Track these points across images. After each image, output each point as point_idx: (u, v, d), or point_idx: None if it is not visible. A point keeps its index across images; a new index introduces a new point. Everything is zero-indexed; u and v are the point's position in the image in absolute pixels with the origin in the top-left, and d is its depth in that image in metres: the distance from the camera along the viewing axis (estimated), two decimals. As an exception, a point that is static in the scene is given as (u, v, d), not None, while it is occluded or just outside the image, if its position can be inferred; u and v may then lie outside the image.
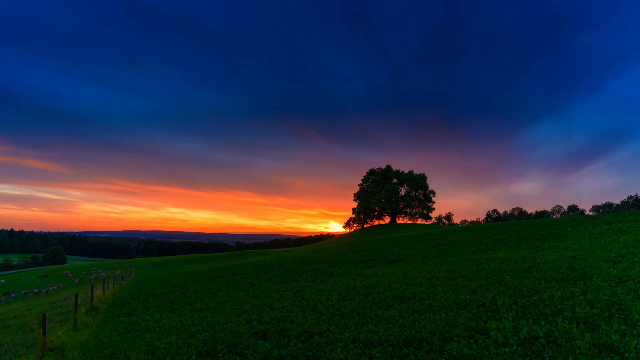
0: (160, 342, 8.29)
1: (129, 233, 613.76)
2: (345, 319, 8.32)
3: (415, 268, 15.43)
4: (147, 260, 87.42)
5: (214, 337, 8.01)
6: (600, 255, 11.85)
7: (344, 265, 20.92)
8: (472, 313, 7.23)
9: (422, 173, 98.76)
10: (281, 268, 22.47)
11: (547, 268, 10.77)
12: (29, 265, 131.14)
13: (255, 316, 9.88)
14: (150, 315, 12.44)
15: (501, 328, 6.03)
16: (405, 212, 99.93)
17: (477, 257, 16.45)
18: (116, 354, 7.93)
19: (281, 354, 6.36)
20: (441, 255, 19.82)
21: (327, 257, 25.50)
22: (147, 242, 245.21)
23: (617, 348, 4.66)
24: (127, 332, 10.31)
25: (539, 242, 19.77)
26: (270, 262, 27.38)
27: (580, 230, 21.66)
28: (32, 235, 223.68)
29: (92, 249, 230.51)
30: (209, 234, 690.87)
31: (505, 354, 4.98)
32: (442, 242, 26.97)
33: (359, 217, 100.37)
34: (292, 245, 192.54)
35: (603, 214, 32.18)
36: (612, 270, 9.14)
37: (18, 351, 9.24)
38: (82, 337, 10.42)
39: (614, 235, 17.63)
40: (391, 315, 7.96)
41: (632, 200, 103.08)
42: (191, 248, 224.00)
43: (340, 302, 10.16)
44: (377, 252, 25.32)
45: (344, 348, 6.25)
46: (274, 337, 7.54)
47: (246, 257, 55.04)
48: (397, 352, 5.73)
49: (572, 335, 5.26)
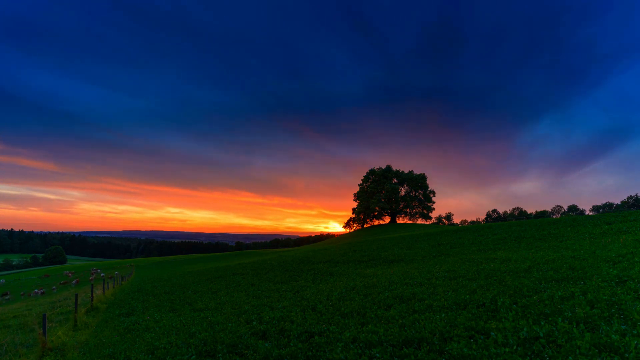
0: (160, 342, 8.29)
1: (128, 233, 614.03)
2: (345, 319, 8.32)
3: (415, 268, 15.43)
4: (147, 260, 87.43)
5: (214, 337, 8.01)
6: (600, 255, 11.85)
7: (344, 265, 20.92)
8: (472, 313, 7.22)
9: (422, 173, 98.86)
10: (281, 268, 22.47)
11: (547, 268, 10.77)
12: (29, 265, 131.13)
13: (255, 316, 9.88)
14: (150, 315, 12.43)
15: (501, 328, 6.03)
16: (405, 212, 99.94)
17: (477, 257, 16.45)
18: (116, 354, 7.93)
19: (281, 354, 6.36)
20: (441, 255, 19.82)
21: (327, 257, 25.50)
22: (147, 242, 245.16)
23: (617, 348, 4.66)
24: (127, 332, 10.31)
25: (539, 242, 19.77)
26: (270, 262, 27.38)
27: (580, 230, 21.67)
28: (32, 235, 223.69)
29: (92, 249, 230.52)
30: (209, 234, 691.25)
31: (505, 354, 4.98)
32: (442, 242, 26.97)
33: (359, 217, 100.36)
34: (292, 245, 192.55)
35: (603, 214, 32.19)
36: (612, 270, 9.14)
37: (18, 351, 9.24)
38: (82, 337, 10.42)
39: (614, 235, 17.63)
40: (391, 315, 7.96)
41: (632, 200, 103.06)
42: (191, 248, 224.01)
43: (340, 302, 10.16)
44: (377, 252, 25.32)
45: (344, 348, 6.24)
46: (274, 337, 7.53)
47: (246, 257, 55.04)
48: (397, 352, 5.73)
49: (572, 335, 5.25)
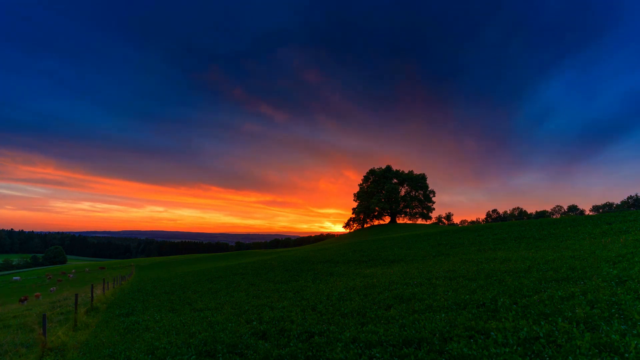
0: (160, 342, 8.28)
1: (129, 233, 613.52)
2: (345, 319, 8.32)
3: (415, 268, 15.42)
4: (147, 260, 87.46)
5: (214, 337, 8.00)
6: (600, 255, 11.84)
7: (344, 265, 20.91)
8: (472, 313, 7.22)
9: (422, 173, 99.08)
10: (281, 268, 22.47)
11: (547, 268, 10.76)
12: (29, 265, 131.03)
13: (255, 316, 9.88)
14: (150, 315, 12.43)
15: (501, 328, 6.03)
16: (405, 212, 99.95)
17: (477, 257, 16.44)
18: (116, 354, 7.93)
19: (281, 354, 6.36)
20: (441, 255, 19.82)
21: (327, 257, 25.50)
22: (147, 242, 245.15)
23: (617, 348, 4.66)
24: (127, 332, 10.30)
25: (539, 242, 19.76)
26: (270, 262, 27.38)
27: (580, 230, 21.65)
28: (32, 235, 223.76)
29: (92, 249, 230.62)
30: (209, 234, 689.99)
31: (505, 354, 4.98)
32: (442, 242, 26.96)
33: (359, 217, 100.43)
34: (292, 245, 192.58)
35: (603, 214, 32.19)
36: (612, 270, 9.13)
37: (18, 351, 9.24)
38: (82, 337, 10.41)
39: (614, 235, 17.62)
40: (391, 315, 7.95)
41: (632, 200, 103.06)
42: (191, 248, 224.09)
43: (340, 302, 10.16)
44: (377, 252, 25.32)
45: (344, 348, 6.24)
46: (274, 337, 7.53)
47: (246, 257, 55.05)
48: (397, 352, 5.73)
49: (572, 335, 5.25)
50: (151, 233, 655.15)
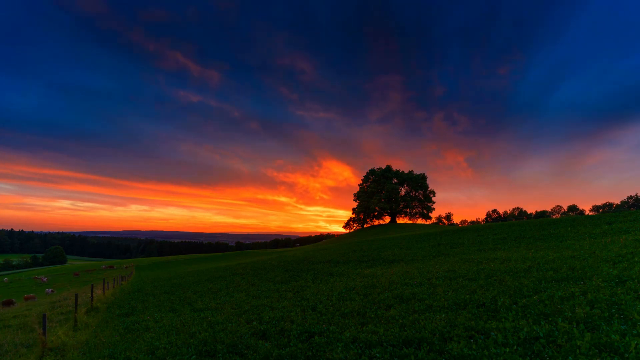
0: (160, 342, 8.28)
1: (129, 233, 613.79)
2: (345, 319, 8.32)
3: (415, 268, 15.42)
4: (147, 260, 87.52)
5: (214, 337, 8.01)
6: (600, 255, 11.84)
7: (344, 265, 20.91)
8: (472, 313, 7.22)
9: (422, 173, 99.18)
10: (281, 268, 22.47)
11: (547, 268, 10.76)
12: (29, 265, 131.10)
13: (255, 316, 9.88)
14: (150, 315, 12.43)
15: (501, 328, 6.03)
16: (405, 212, 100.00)
17: (477, 257, 16.44)
18: (116, 354, 7.92)
19: (281, 354, 6.36)
20: (441, 255, 19.81)
21: (327, 257, 25.49)
22: (147, 242, 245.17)
23: (617, 348, 4.66)
24: (127, 332, 10.30)
25: (539, 242, 19.76)
26: (270, 262, 27.38)
27: (580, 230, 21.65)
28: (32, 235, 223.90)
29: (92, 249, 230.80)
30: (209, 234, 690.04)
31: (505, 354, 4.98)
32: (442, 242, 26.96)
33: (359, 217, 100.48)
34: (292, 245, 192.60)
35: (603, 214, 32.18)
36: (612, 270, 9.13)
37: (18, 351, 9.24)
38: (82, 337, 10.41)
39: (614, 235, 17.61)
40: (391, 315, 7.95)
41: (632, 200, 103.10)
42: (191, 248, 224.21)
43: (340, 302, 10.16)
44: (377, 252, 25.31)
45: (344, 348, 6.24)
46: (274, 337, 7.53)
47: (246, 257, 55.07)
48: (397, 352, 5.73)
49: (572, 335, 5.25)
50: (151, 233, 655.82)
